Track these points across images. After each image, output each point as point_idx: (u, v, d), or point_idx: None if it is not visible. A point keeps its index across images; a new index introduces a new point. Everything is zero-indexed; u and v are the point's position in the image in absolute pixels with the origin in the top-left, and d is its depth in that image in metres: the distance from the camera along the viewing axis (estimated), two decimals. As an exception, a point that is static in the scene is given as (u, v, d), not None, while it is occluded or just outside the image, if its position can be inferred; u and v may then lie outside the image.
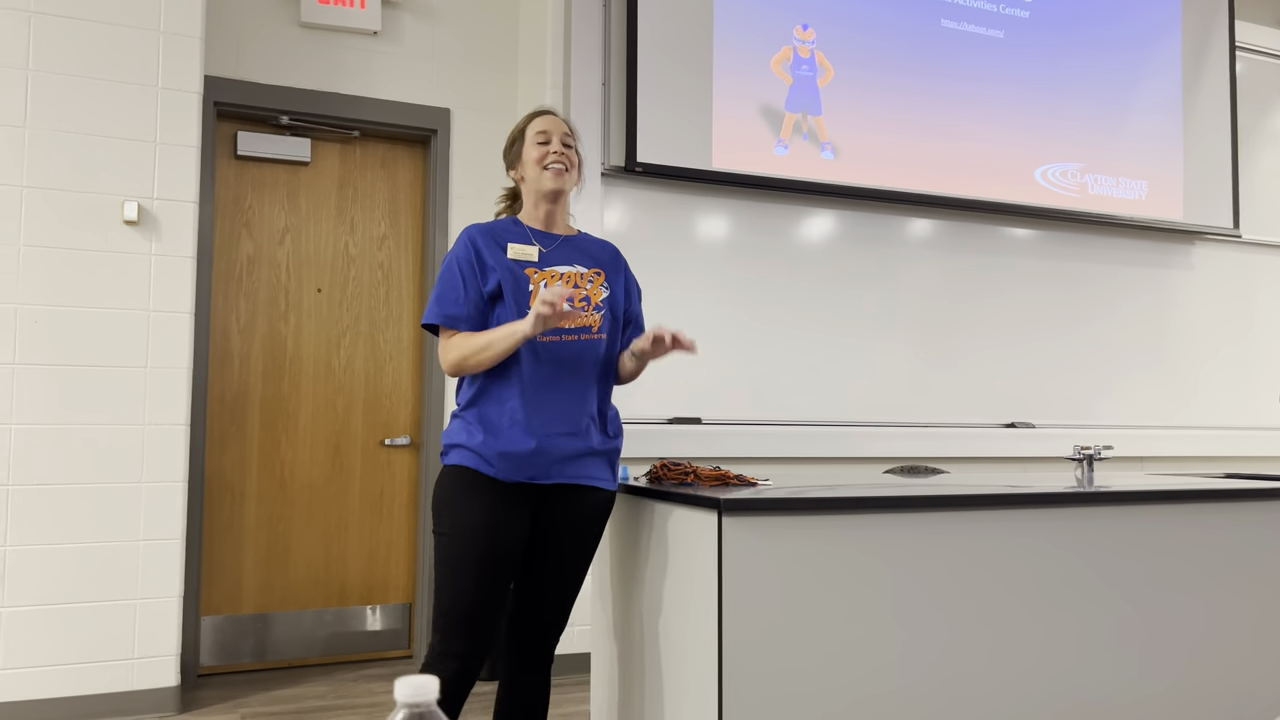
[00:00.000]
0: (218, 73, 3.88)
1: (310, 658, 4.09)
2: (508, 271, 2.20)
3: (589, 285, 2.26)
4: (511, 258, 2.22)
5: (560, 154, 2.25)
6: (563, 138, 2.27)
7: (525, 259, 2.23)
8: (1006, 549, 2.32)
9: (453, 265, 2.20)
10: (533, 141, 2.27)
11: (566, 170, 2.26)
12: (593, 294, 2.26)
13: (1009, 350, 4.88)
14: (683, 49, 4.17)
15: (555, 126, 2.28)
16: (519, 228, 2.29)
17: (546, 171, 2.25)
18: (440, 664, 2.10)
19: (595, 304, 2.25)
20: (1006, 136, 4.83)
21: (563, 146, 2.26)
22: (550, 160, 2.24)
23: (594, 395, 2.25)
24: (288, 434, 4.07)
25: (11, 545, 3.26)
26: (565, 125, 2.31)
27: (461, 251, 2.20)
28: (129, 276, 3.44)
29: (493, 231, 2.25)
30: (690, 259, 4.27)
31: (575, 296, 2.23)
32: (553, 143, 2.26)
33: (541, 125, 2.28)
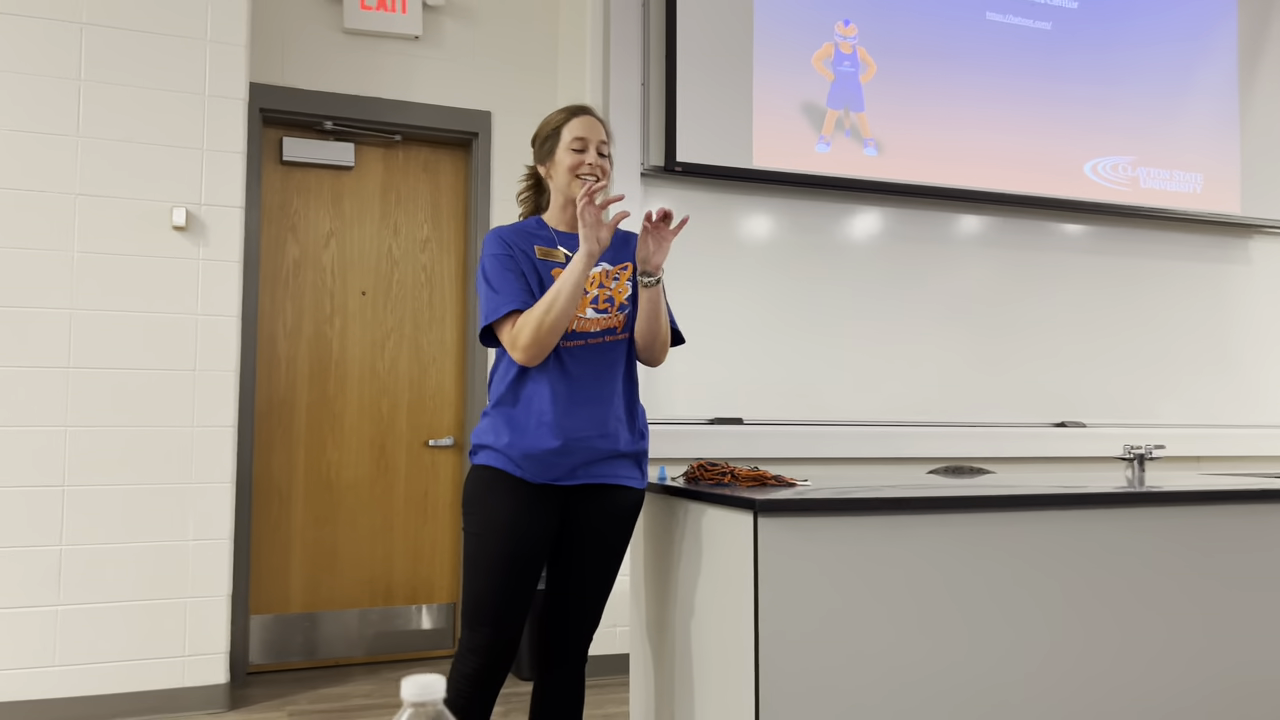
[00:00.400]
0: (263, 80, 3.94)
1: (356, 657, 4.14)
2: (535, 273, 2.20)
3: (614, 284, 2.25)
4: (540, 258, 2.22)
5: (594, 165, 2.22)
6: (599, 146, 2.24)
7: (553, 260, 2.22)
8: (1051, 551, 2.27)
9: (496, 261, 2.18)
10: (568, 147, 2.22)
11: (598, 180, 2.23)
12: (616, 293, 2.24)
13: (1059, 348, 4.79)
14: (722, 47, 4.15)
15: (593, 133, 2.24)
16: (544, 230, 2.28)
17: (578, 181, 2.22)
18: (468, 659, 2.13)
19: (619, 304, 2.24)
20: (1055, 130, 4.74)
21: (598, 155, 2.23)
22: (584, 172, 2.22)
23: (621, 395, 2.24)
24: (333, 435, 4.12)
25: (67, 544, 3.34)
26: (603, 129, 2.27)
27: (498, 249, 2.20)
28: (178, 281, 3.51)
29: (519, 233, 2.25)
30: (731, 258, 4.25)
31: (600, 296, 2.22)
32: (588, 152, 2.22)
33: (579, 130, 2.23)
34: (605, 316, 2.22)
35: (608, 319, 2.22)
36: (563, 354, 2.17)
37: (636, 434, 2.27)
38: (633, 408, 2.27)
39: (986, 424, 4.57)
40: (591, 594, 2.25)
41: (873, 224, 4.50)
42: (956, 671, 2.17)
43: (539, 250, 2.23)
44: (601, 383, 2.20)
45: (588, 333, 2.19)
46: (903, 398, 4.48)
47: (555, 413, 2.14)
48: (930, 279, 4.57)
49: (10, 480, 3.29)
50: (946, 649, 2.17)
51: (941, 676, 2.16)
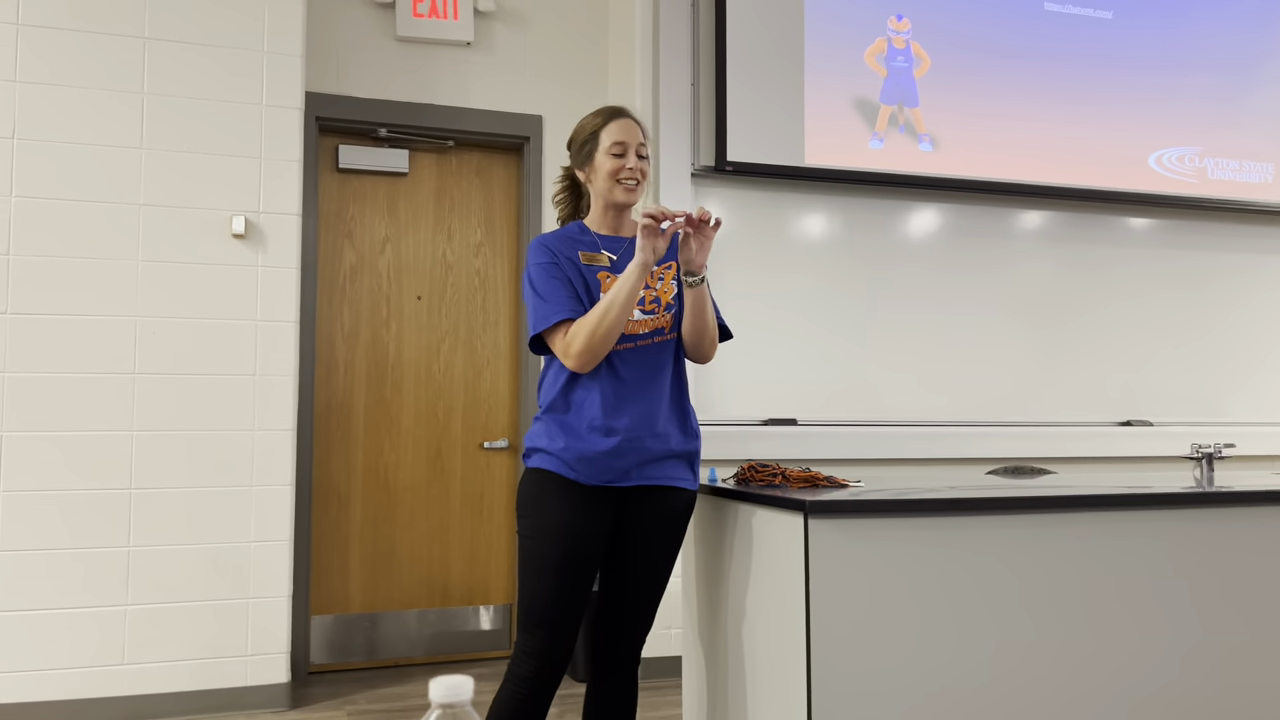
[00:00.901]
0: (318, 89, 4.01)
1: (415, 657, 4.18)
2: (580, 278, 2.20)
3: (659, 284, 2.25)
4: (585, 263, 2.22)
5: (634, 169, 2.21)
6: (638, 149, 2.23)
7: (597, 264, 2.23)
8: (1115, 552, 2.21)
9: (542, 270, 2.19)
10: (607, 151, 2.21)
11: (638, 185, 2.22)
12: (662, 293, 2.24)
13: (1124, 345, 4.67)
14: (773, 45, 4.12)
15: (631, 136, 2.23)
16: (587, 235, 2.27)
17: (619, 186, 2.21)
18: (523, 662, 2.13)
19: (666, 304, 2.23)
20: (1117, 121, 4.62)
21: (637, 158, 2.22)
22: (625, 176, 2.21)
23: (671, 396, 2.24)
24: (390, 438, 4.17)
25: (134, 546, 3.43)
26: (640, 131, 2.26)
27: (544, 257, 2.21)
28: (238, 288, 3.58)
29: (562, 240, 2.25)
30: (784, 258, 4.22)
31: (646, 297, 2.22)
32: (628, 156, 2.21)
33: (618, 134, 2.22)
34: (653, 317, 2.21)
35: (655, 319, 2.21)
36: (612, 356, 2.17)
37: (689, 434, 2.26)
38: (683, 408, 2.27)
39: (1048, 423, 4.47)
40: (645, 596, 2.24)
41: (929, 221, 4.43)
42: (1014, 675, 2.12)
43: (583, 255, 2.23)
44: (652, 383, 2.19)
45: (637, 335, 2.19)
46: (961, 397, 4.41)
47: (607, 415, 2.14)
48: (989, 276, 4.49)
49: (80, 483, 3.38)
50: (1004, 652, 2.12)
51: (999, 680, 2.11)
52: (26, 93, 3.40)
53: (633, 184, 2.21)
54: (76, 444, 3.39)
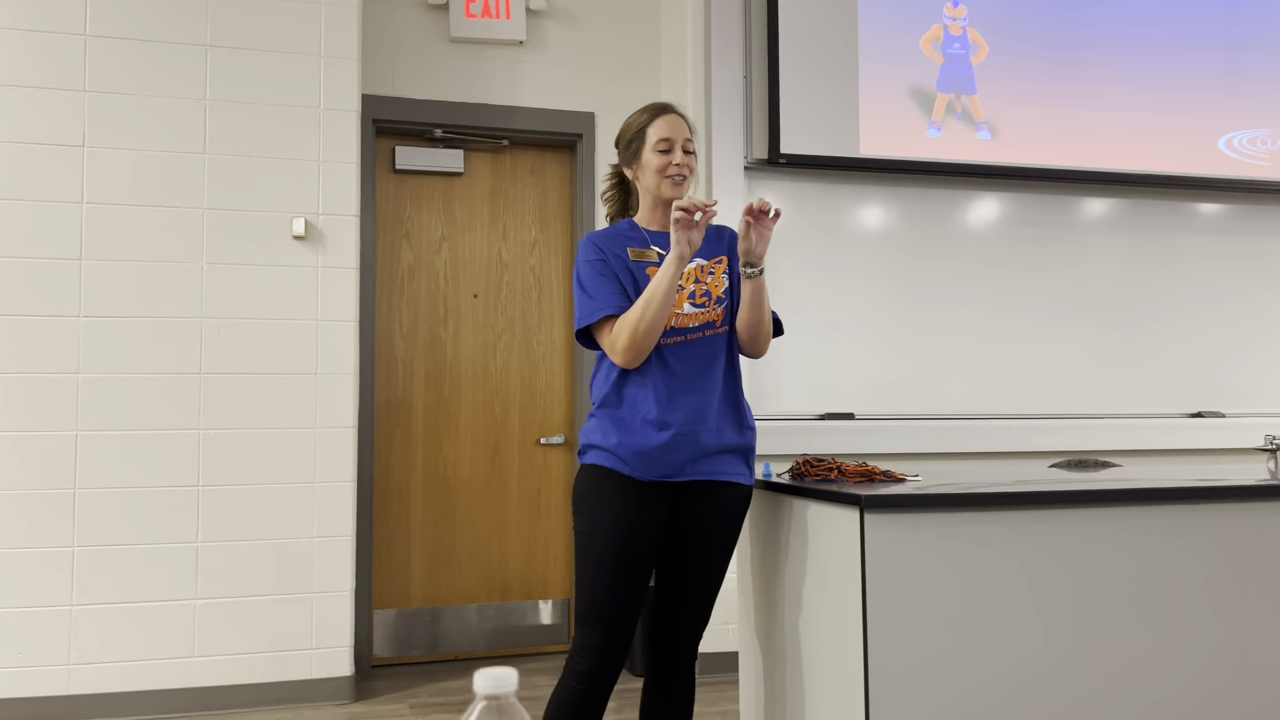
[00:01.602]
0: (374, 91, 4.07)
1: (475, 651, 4.23)
2: (629, 274, 2.21)
3: (709, 278, 2.24)
4: (634, 259, 2.23)
5: (681, 165, 2.22)
6: (684, 144, 2.23)
7: (646, 260, 2.23)
8: (1181, 548, 2.15)
9: (590, 268, 2.21)
10: (654, 148, 2.22)
11: (685, 180, 2.23)
12: (713, 287, 2.23)
13: (1195, 334, 4.54)
14: (826, 36, 4.08)
15: (677, 132, 2.23)
16: (636, 232, 2.28)
17: (667, 181, 2.22)
18: (581, 658, 2.14)
19: (716, 297, 2.23)
20: (1184, 104, 4.49)
21: (684, 154, 2.23)
22: (672, 171, 2.22)
23: (724, 389, 2.23)
24: (449, 435, 4.22)
25: (203, 541, 3.52)
26: (686, 126, 2.26)
27: (592, 254, 2.22)
28: (298, 289, 3.65)
29: (612, 237, 2.26)
30: (840, 250, 4.18)
31: (696, 291, 2.21)
32: (675, 153, 2.21)
33: (665, 131, 2.22)
34: (703, 311, 2.21)
35: (706, 313, 2.21)
36: (664, 351, 2.17)
37: (743, 429, 2.25)
38: (737, 402, 2.26)
39: (1115, 415, 4.36)
40: (702, 591, 2.24)
41: (988, 210, 4.35)
42: (1078, 674, 2.08)
43: (632, 252, 2.24)
44: (704, 377, 2.19)
45: (687, 328, 2.19)
46: (1023, 390, 4.32)
47: (659, 409, 2.14)
48: (1052, 265, 4.40)
49: (151, 481, 3.48)
50: (1066, 651, 2.07)
51: (1061, 679, 2.07)
52: (95, 102, 3.51)
53: (680, 179, 2.22)
54: (146, 442, 3.49)
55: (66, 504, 3.41)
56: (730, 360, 2.26)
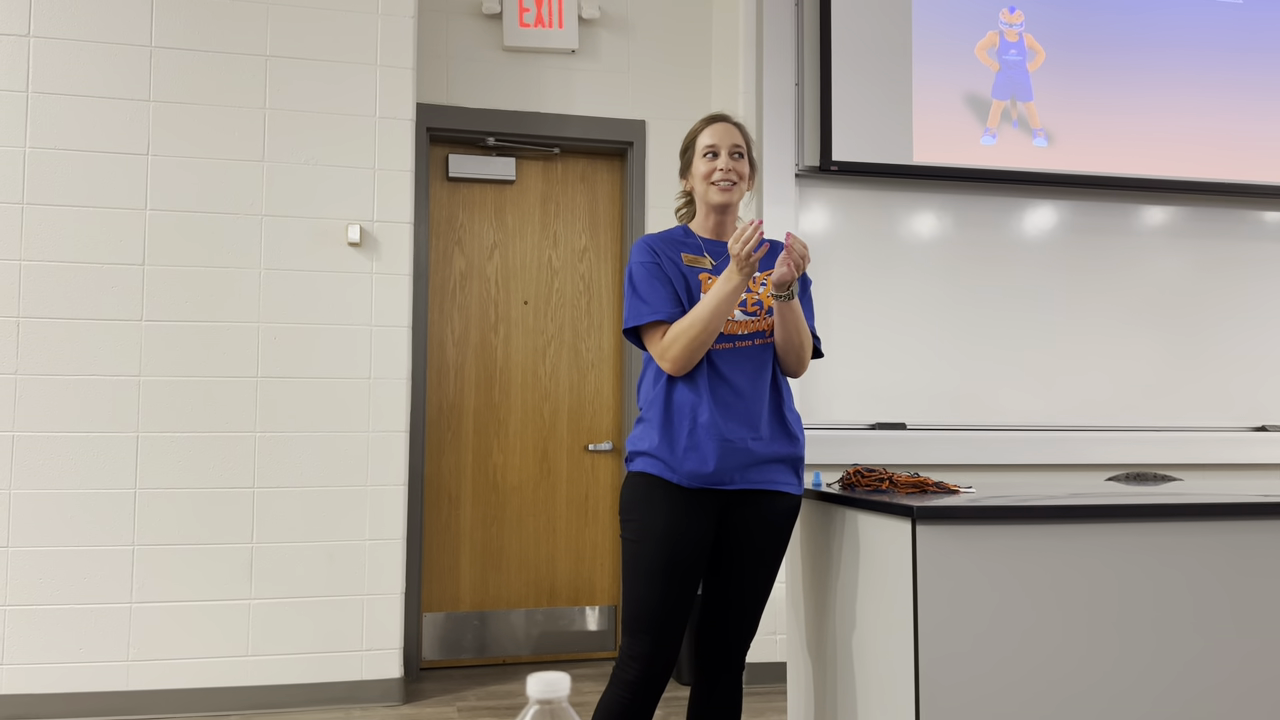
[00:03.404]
0: (429, 100, 4.12)
1: (523, 655, 4.25)
2: (682, 278, 2.21)
3: (761, 289, 2.24)
4: (688, 264, 2.24)
5: (727, 170, 2.23)
6: (731, 150, 2.24)
7: (699, 266, 2.24)
8: (1241, 564, 2.09)
9: (644, 270, 2.23)
10: (701, 155, 2.26)
11: (734, 185, 2.24)
12: (765, 297, 2.23)
13: (1259, 346, 4.43)
14: (879, 42, 4.06)
15: (724, 138, 2.25)
16: (691, 238, 2.30)
17: (713, 187, 2.24)
18: (628, 667, 2.13)
19: (768, 307, 2.22)
20: (1249, 110, 4.39)
21: (731, 159, 2.24)
22: (717, 176, 2.24)
23: (773, 398, 2.22)
24: (499, 440, 4.25)
25: (257, 542, 3.58)
26: (737, 133, 2.27)
27: (647, 256, 2.24)
28: (353, 294, 3.71)
29: (667, 241, 2.28)
30: (893, 259, 4.14)
31: (748, 300, 2.21)
32: (720, 158, 2.24)
33: (710, 138, 2.26)
34: (754, 319, 2.21)
35: (756, 322, 2.21)
36: (713, 357, 2.17)
37: (791, 438, 2.24)
38: (785, 410, 2.25)
39: (1175, 428, 4.27)
40: (750, 600, 2.23)
41: (1045, 218, 4.29)
42: (1129, 689, 2.03)
43: (685, 258, 2.25)
44: (752, 385, 2.19)
45: (736, 335, 2.19)
46: (1081, 401, 4.24)
47: (708, 416, 2.14)
48: (1111, 274, 4.32)
49: (207, 482, 3.55)
50: (1118, 666, 2.03)
51: (1114, 694, 2.02)
52: (159, 111, 3.60)
53: (727, 184, 2.24)
54: (204, 444, 3.56)
55: (127, 504, 3.50)
56: (778, 370, 2.26)
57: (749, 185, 2.31)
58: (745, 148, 2.28)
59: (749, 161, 2.29)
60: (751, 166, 2.31)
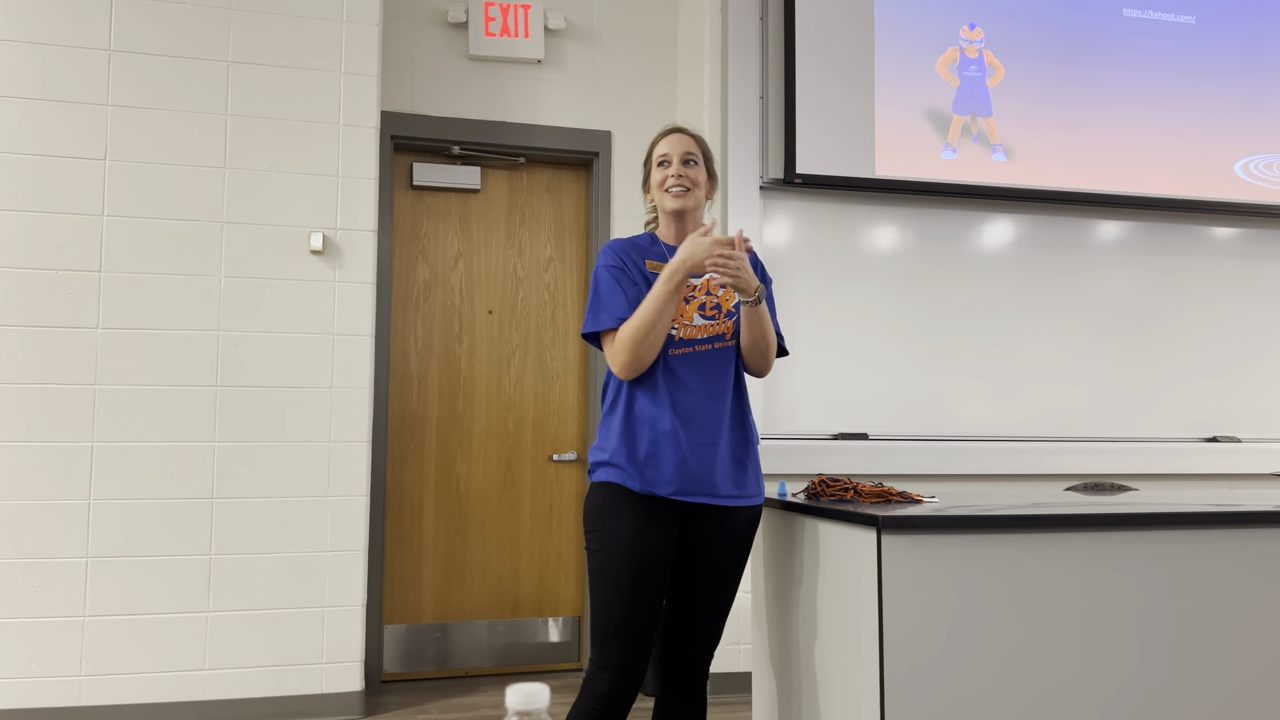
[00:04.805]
0: (393, 108, 4.10)
1: (485, 668, 4.22)
2: (646, 284, 2.23)
3: (721, 291, 2.26)
4: (650, 270, 2.26)
5: (679, 176, 2.27)
6: (683, 157, 2.28)
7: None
8: (1197, 573, 2.14)
9: (608, 275, 2.25)
10: (656, 165, 2.31)
11: (688, 190, 2.28)
12: (724, 300, 2.25)
13: (1209, 358, 4.52)
14: (842, 58, 4.10)
15: (676, 147, 2.29)
16: (656, 245, 2.33)
17: (667, 194, 2.29)
18: (599, 678, 2.12)
19: (727, 311, 2.25)
20: (1200, 129, 4.50)
21: (684, 166, 2.28)
22: (670, 183, 2.28)
23: (732, 404, 2.23)
24: (462, 450, 4.23)
25: (215, 554, 3.52)
26: (691, 141, 2.31)
27: (612, 260, 2.26)
28: (315, 303, 3.67)
29: (633, 246, 2.31)
30: (855, 270, 4.18)
31: (707, 304, 2.23)
32: (673, 165, 2.28)
33: (664, 148, 2.31)
34: (713, 323, 2.22)
35: (715, 325, 2.22)
36: (673, 363, 2.18)
37: (749, 443, 2.26)
38: (745, 416, 2.27)
39: (1130, 439, 4.35)
40: (714, 610, 2.23)
41: (1003, 232, 4.36)
42: (1091, 698, 2.06)
43: (650, 264, 2.28)
44: (711, 390, 2.19)
45: (696, 340, 2.20)
46: (1038, 412, 4.31)
47: (669, 425, 2.15)
48: (1066, 288, 4.39)
49: (164, 493, 3.49)
50: (1079, 673, 2.06)
51: (1074, 701, 2.05)
52: (118, 116, 3.54)
53: (680, 190, 2.27)
54: (161, 454, 3.50)
55: (81, 515, 3.43)
56: (739, 375, 2.28)
57: (708, 193, 2.34)
58: (700, 156, 2.31)
59: (706, 170, 2.33)
60: (711, 176, 2.35)
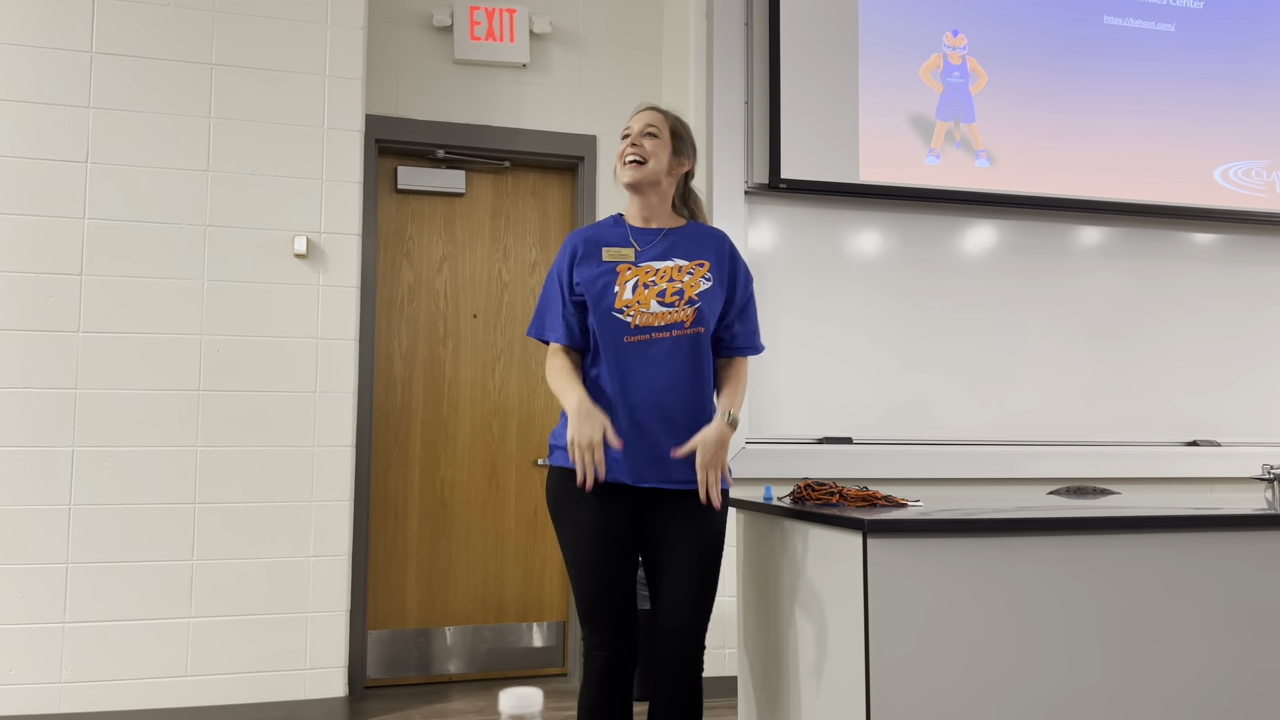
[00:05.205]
0: (378, 111, 4.09)
1: (470, 673, 4.20)
2: (598, 277, 2.22)
3: (686, 278, 2.23)
4: (607, 259, 2.23)
5: (633, 147, 2.25)
6: (643, 129, 2.26)
7: (620, 259, 2.24)
8: (1179, 576, 2.15)
9: (552, 279, 2.28)
10: (621, 140, 2.30)
11: (642, 164, 2.24)
12: (688, 287, 2.22)
13: (1190, 363, 4.56)
14: (827, 64, 4.12)
15: (639, 120, 2.29)
16: (620, 227, 2.31)
17: (624, 168, 2.26)
18: (593, 656, 2.18)
19: (689, 298, 2.21)
20: (1180, 136, 4.54)
21: (644, 137, 2.25)
22: (628, 155, 2.25)
23: (689, 392, 2.21)
24: (447, 454, 4.21)
25: (198, 559, 3.50)
26: (656, 115, 2.29)
27: (559, 263, 2.28)
28: (299, 307, 3.65)
29: (594, 235, 2.29)
30: (840, 275, 4.19)
31: (668, 290, 2.21)
32: (632, 137, 2.26)
33: (628, 124, 2.30)
34: (671, 310, 2.19)
35: (674, 312, 2.19)
36: (627, 349, 2.18)
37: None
38: (702, 405, 2.23)
39: (1111, 443, 4.38)
40: (688, 602, 2.18)
41: (986, 237, 4.38)
42: (1076, 699, 2.08)
43: (607, 252, 2.25)
44: (670, 380, 2.18)
45: (652, 327, 2.19)
46: (1021, 416, 4.33)
47: (617, 410, 2.16)
48: (1048, 293, 4.42)
49: (147, 498, 3.47)
50: (1067, 676, 2.07)
51: (1061, 705, 2.07)
52: (99, 118, 3.52)
53: (634, 161, 2.25)
54: (143, 459, 3.48)
55: (61, 520, 3.40)
56: (696, 362, 2.22)
57: (672, 169, 2.29)
58: (664, 129, 2.28)
59: (673, 146, 2.28)
60: (680, 153, 2.30)
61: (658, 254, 2.26)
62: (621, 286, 2.20)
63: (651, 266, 2.23)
